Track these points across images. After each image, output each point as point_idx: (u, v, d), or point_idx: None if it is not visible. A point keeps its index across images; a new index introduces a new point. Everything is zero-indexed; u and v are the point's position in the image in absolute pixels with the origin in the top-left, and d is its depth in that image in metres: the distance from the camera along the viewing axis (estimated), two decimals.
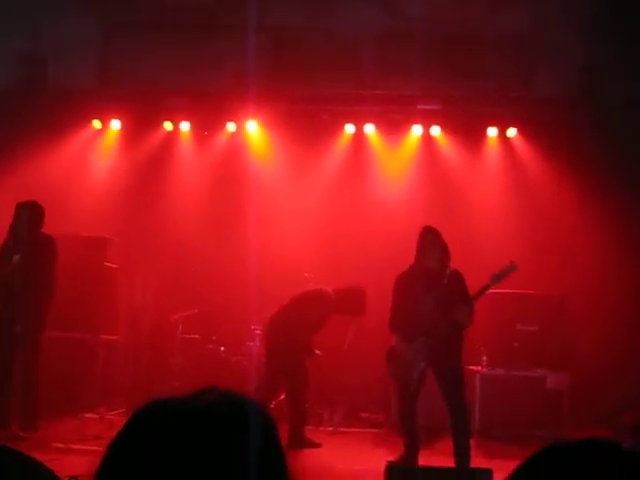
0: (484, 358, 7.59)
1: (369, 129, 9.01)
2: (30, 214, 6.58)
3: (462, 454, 5.67)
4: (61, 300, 7.11)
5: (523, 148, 8.84)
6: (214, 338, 7.92)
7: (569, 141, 8.33)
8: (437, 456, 6.01)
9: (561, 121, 8.32)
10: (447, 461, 5.61)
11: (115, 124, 9.27)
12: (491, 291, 6.06)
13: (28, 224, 6.57)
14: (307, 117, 8.84)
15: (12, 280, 6.44)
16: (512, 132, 8.84)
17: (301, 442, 6.47)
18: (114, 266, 8.20)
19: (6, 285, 6.48)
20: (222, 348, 7.82)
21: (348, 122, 8.99)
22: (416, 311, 5.81)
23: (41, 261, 6.56)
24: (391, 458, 5.65)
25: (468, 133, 8.80)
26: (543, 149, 8.57)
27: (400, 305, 5.93)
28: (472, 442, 5.88)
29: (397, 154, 9.04)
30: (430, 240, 5.92)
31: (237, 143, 9.11)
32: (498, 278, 5.70)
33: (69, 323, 7.71)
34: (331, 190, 8.79)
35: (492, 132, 8.89)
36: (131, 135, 9.22)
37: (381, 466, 4.45)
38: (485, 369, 7.56)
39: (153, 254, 8.58)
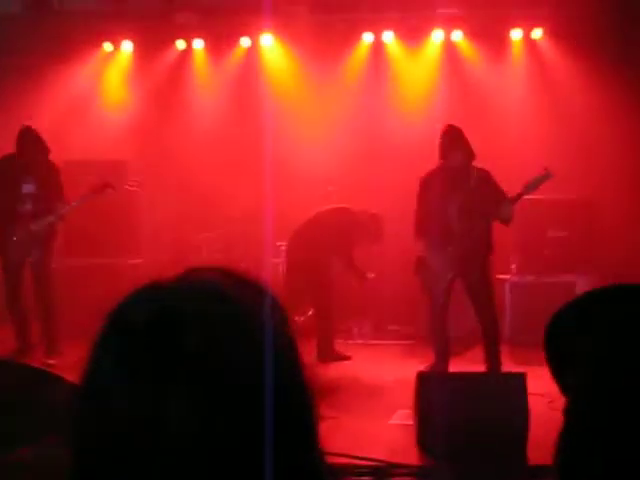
0: (513, 266, 7.49)
1: (388, 37, 8.70)
2: (36, 140, 6.43)
3: (493, 361, 5.64)
4: (84, 226, 7.09)
5: (549, 49, 8.48)
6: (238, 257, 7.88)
7: (597, 39, 7.97)
8: (467, 364, 6.00)
9: (589, 18, 7.94)
10: (478, 369, 5.60)
11: (127, 45, 9.07)
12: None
13: (35, 151, 6.42)
14: (324, 27, 8.54)
15: (24, 209, 6.40)
16: (537, 33, 8.47)
17: (331, 355, 6.49)
18: (134, 189, 8.13)
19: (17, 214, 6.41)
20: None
21: (366, 31, 8.69)
22: (442, 214, 5.67)
23: (54, 189, 6.49)
24: (421, 368, 5.64)
25: (491, 37, 8.46)
26: (570, 49, 8.22)
27: (425, 208, 5.78)
28: (502, 349, 5.86)
29: (417, 61, 8.75)
30: (453, 138, 5.70)
31: (252, 58, 8.88)
32: (532, 187, 5.55)
33: (93, 249, 7.74)
34: (351, 102, 8.55)
35: (516, 34, 8.52)
36: (144, 56, 9.03)
37: (412, 376, 4.44)
38: (515, 277, 7.47)
39: (171, 175, 8.50)
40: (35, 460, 3.81)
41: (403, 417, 4.63)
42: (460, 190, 5.69)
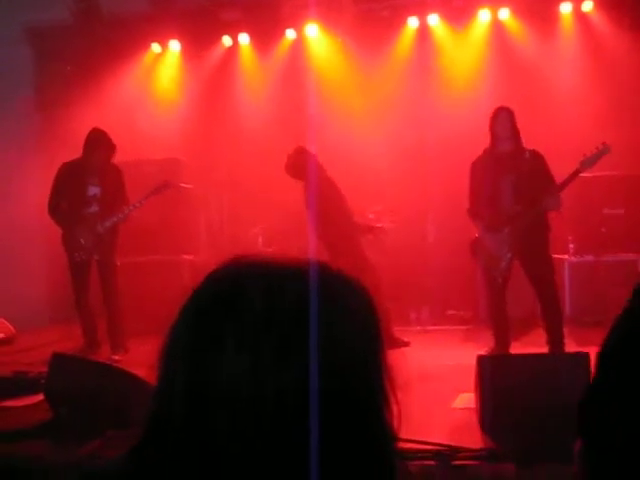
0: (571, 246, 7.36)
1: (433, 20, 8.61)
2: (105, 141, 6.56)
3: (556, 342, 5.56)
4: (141, 225, 7.22)
5: (600, 22, 8.26)
6: (295, 249, 7.93)
7: None
8: (529, 347, 5.92)
9: None
10: (540, 351, 5.52)
11: (174, 45, 9.20)
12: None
13: (104, 152, 6.55)
14: (368, 14, 8.51)
15: (90, 211, 6.56)
16: (588, 6, 8.26)
17: (389, 341, 6.46)
18: (189, 186, 8.26)
19: (82, 216, 6.57)
20: None
21: (411, 15, 8.62)
22: (496, 197, 5.63)
23: (118, 190, 6.64)
24: (482, 352, 5.59)
25: (539, 12, 8.28)
26: (622, 20, 7.99)
27: (478, 191, 5.74)
28: (564, 330, 5.77)
29: (465, 43, 8.62)
30: (504, 119, 5.65)
31: (298, 50, 8.90)
32: (589, 163, 5.44)
33: (152, 247, 7.89)
34: (400, 87, 8.50)
35: (566, 8, 8.34)
36: (191, 54, 9.16)
37: (472, 360, 4.41)
38: (573, 257, 7.34)
39: (225, 170, 8.60)
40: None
41: (465, 401, 4.60)
42: (513, 171, 5.63)
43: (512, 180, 5.62)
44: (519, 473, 3.62)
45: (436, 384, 5.14)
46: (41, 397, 4.72)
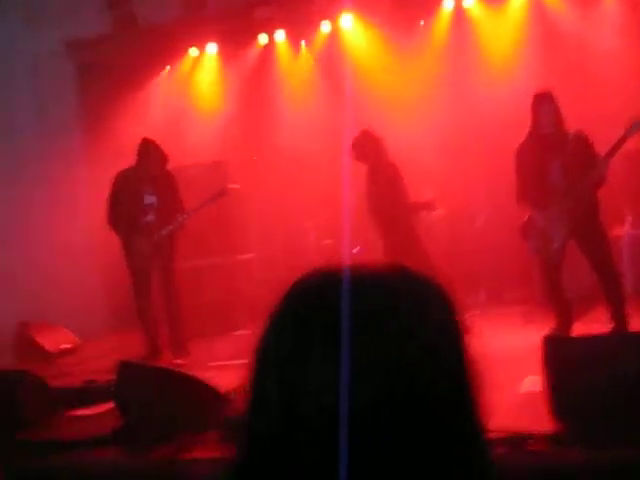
0: (629, 219, 7.20)
1: (469, 0, 8.48)
2: (157, 151, 6.66)
3: (619, 319, 5.45)
4: (194, 228, 7.31)
5: None
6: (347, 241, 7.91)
7: None
8: (592, 324, 5.81)
9: None
10: (603, 329, 5.41)
11: (211, 47, 9.25)
12: (628, 147, 5.68)
13: (156, 162, 6.65)
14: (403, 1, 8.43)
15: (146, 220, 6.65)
16: None
17: None
18: (237, 186, 8.31)
19: (139, 225, 6.67)
20: (355, 249, 7.80)
21: None
22: (544, 179, 5.56)
23: (174, 198, 6.72)
24: (544, 333, 5.51)
25: None
26: None
27: (526, 174, 5.66)
28: (627, 306, 5.65)
29: (502, 21, 8.47)
30: (545, 104, 5.57)
31: (334, 42, 8.87)
32: (636, 127, 5.33)
33: (205, 249, 7.96)
34: (437, 71, 8.40)
35: None
36: (229, 55, 9.20)
37: (535, 342, 4.34)
38: (631, 230, 7.18)
39: (272, 167, 8.61)
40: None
41: (532, 384, 4.55)
42: (559, 153, 5.57)
43: (559, 161, 5.56)
44: (587, 457, 3.56)
45: (501, 368, 5.08)
46: (111, 405, 4.83)
